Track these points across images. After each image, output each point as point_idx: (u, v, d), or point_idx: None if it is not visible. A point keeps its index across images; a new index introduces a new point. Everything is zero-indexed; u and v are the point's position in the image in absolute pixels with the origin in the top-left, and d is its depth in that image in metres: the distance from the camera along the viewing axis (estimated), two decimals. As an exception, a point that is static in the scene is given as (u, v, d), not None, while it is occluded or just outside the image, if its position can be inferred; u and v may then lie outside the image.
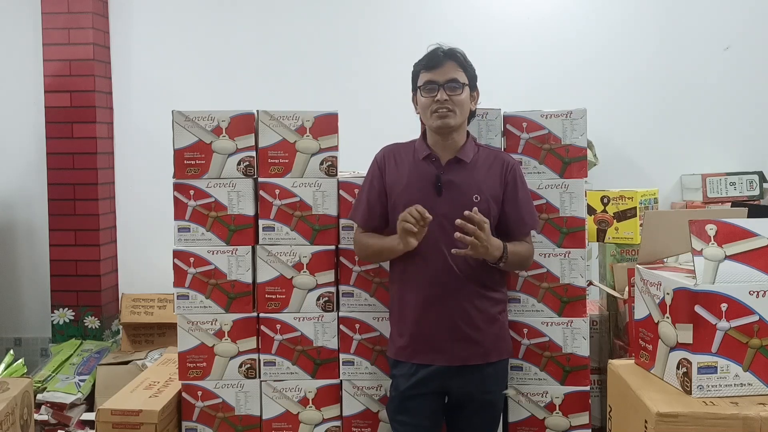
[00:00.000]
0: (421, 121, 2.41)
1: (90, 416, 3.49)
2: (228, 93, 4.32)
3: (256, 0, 4.41)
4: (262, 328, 2.62)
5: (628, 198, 3.03)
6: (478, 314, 2.31)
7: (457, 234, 2.16)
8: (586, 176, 2.58)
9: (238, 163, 2.61)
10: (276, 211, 2.61)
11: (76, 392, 3.63)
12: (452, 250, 2.20)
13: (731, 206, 3.22)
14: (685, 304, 1.86)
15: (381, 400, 2.61)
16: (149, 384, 2.76)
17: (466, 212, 2.15)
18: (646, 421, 1.80)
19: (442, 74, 2.29)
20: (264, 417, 2.64)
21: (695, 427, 1.73)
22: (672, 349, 1.91)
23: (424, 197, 2.29)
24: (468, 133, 2.40)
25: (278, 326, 2.61)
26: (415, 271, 2.31)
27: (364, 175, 2.60)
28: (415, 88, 2.38)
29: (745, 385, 1.84)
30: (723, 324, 1.82)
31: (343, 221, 2.60)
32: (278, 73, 4.37)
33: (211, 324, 2.62)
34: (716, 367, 1.83)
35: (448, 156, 2.34)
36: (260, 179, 2.61)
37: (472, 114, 2.41)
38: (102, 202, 4.32)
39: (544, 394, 2.56)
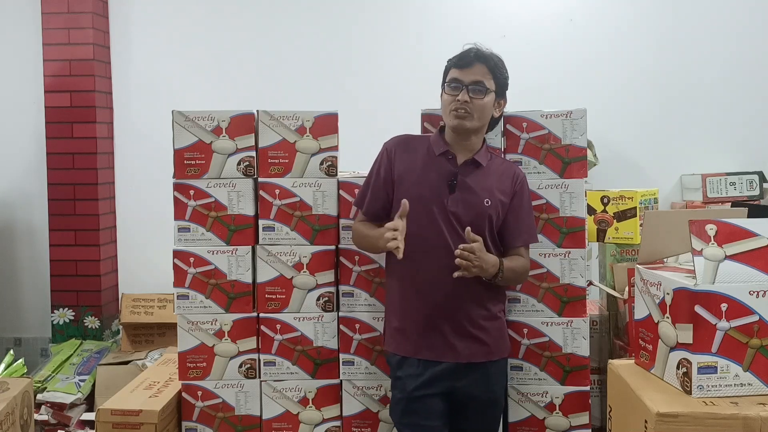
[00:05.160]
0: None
1: (90, 416, 3.50)
2: (228, 93, 4.32)
3: (256, 0, 4.41)
4: (262, 328, 2.62)
5: (628, 198, 3.03)
6: (483, 312, 2.32)
7: (457, 260, 2.15)
8: (586, 176, 2.57)
9: (238, 163, 2.61)
10: (276, 211, 2.61)
11: (76, 392, 3.64)
12: (454, 274, 2.17)
13: (731, 206, 3.22)
14: (685, 304, 1.86)
15: (381, 400, 2.61)
16: (149, 384, 2.76)
17: (468, 230, 2.16)
18: (646, 421, 1.80)
19: (468, 75, 2.27)
20: (264, 417, 2.64)
21: (695, 427, 1.73)
22: (672, 349, 1.91)
23: (437, 193, 2.29)
24: (484, 139, 2.40)
25: (278, 326, 2.61)
26: (421, 267, 2.29)
27: (365, 175, 2.60)
28: (443, 83, 2.36)
29: (745, 385, 1.84)
30: (723, 324, 1.82)
31: (343, 221, 2.60)
32: (278, 73, 4.37)
33: (211, 324, 2.62)
34: (716, 367, 1.83)
35: (465, 156, 2.33)
36: (260, 179, 2.61)
37: (495, 121, 2.41)
38: (102, 202, 4.33)
39: (544, 394, 2.56)
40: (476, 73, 2.27)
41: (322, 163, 2.60)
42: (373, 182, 2.41)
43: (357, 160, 2.90)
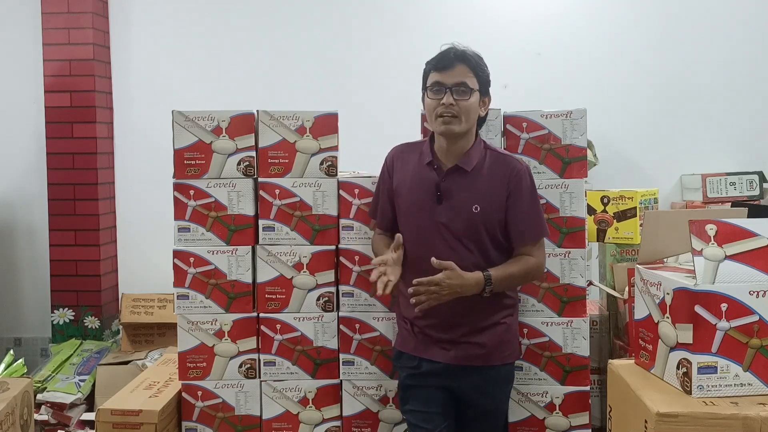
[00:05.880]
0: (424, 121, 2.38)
1: (90, 416, 3.49)
2: (228, 93, 4.32)
3: (257, 0, 4.41)
4: (262, 328, 2.62)
5: (628, 198, 3.03)
6: (481, 319, 2.29)
7: (411, 299, 2.16)
8: (586, 176, 2.57)
9: (238, 163, 2.61)
10: (276, 211, 2.61)
11: (76, 392, 3.64)
12: (415, 309, 2.18)
13: (731, 206, 3.22)
14: (685, 304, 1.86)
15: (381, 400, 2.61)
16: (149, 384, 2.76)
17: (433, 259, 2.15)
18: (646, 421, 1.80)
19: (450, 77, 2.21)
20: (264, 417, 2.64)
21: (695, 427, 1.73)
22: (672, 349, 1.91)
23: (425, 205, 2.27)
24: (477, 135, 2.34)
25: (278, 326, 2.61)
26: (418, 277, 2.24)
27: (365, 175, 2.63)
28: (424, 88, 2.31)
29: (745, 385, 1.84)
30: (723, 324, 1.83)
31: (343, 221, 2.60)
32: (278, 73, 4.37)
33: (211, 324, 2.62)
34: (716, 367, 1.83)
35: (451, 163, 2.28)
36: (260, 179, 2.62)
37: (482, 120, 2.35)
38: (102, 202, 4.33)
39: (544, 394, 2.56)
40: (458, 74, 2.21)
41: (322, 163, 2.60)
42: (380, 197, 2.43)
43: (357, 160, 2.91)
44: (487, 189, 2.26)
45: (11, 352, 3.41)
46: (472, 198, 2.25)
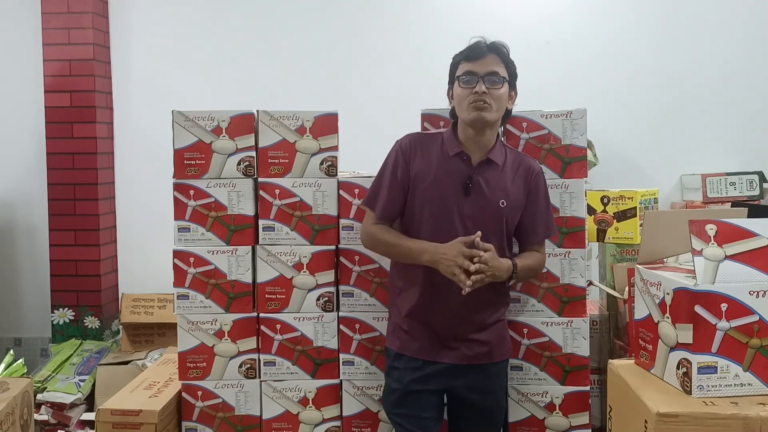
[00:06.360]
0: (453, 115, 2.32)
1: (90, 416, 3.49)
2: (228, 93, 4.32)
3: (257, 0, 4.41)
4: (262, 328, 2.62)
5: (628, 198, 3.03)
6: (487, 316, 2.31)
7: (468, 281, 2.12)
8: (586, 176, 2.57)
9: (238, 163, 2.61)
10: (276, 211, 2.61)
11: (76, 392, 3.63)
12: (463, 292, 2.13)
13: (731, 206, 3.22)
14: (685, 304, 1.86)
15: (381, 400, 2.60)
16: (149, 384, 2.76)
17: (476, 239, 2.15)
18: (646, 421, 1.80)
19: (482, 66, 2.22)
20: (264, 417, 2.64)
21: (695, 427, 1.73)
22: (672, 349, 1.91)
23: (452, 196, 2.25)
24: (498, 134, 2.35)
25: (278, 326, 2.61)
26: (431, 270, 2.24)
27: (365, 175, 2.61)
28: (452, 80, 2.29)
29: (745, 385, 1.84)
30: (723, 324, 1.83)
31: (343, 221, 2.60)
32: (278, 73, 4.37)
33: (211, 324, 2.62)
34: (716, 367, 1.83)
35: (480, 155, 2.28)
36: (260, 179, 2.62)
37: (508, 114, 2.36)
38: (102, 202, 4.33)
39: (544, 394, 2.56)
40: (490, 64, 2.23)
41: (322, 163, 2.60)
42: (389, 184, 2.31)
43: (357, 160, 2.91)
44: (512, 185, 2.29)
45: (11, 352, 3.41)
46: (500, 192, 2.27)
